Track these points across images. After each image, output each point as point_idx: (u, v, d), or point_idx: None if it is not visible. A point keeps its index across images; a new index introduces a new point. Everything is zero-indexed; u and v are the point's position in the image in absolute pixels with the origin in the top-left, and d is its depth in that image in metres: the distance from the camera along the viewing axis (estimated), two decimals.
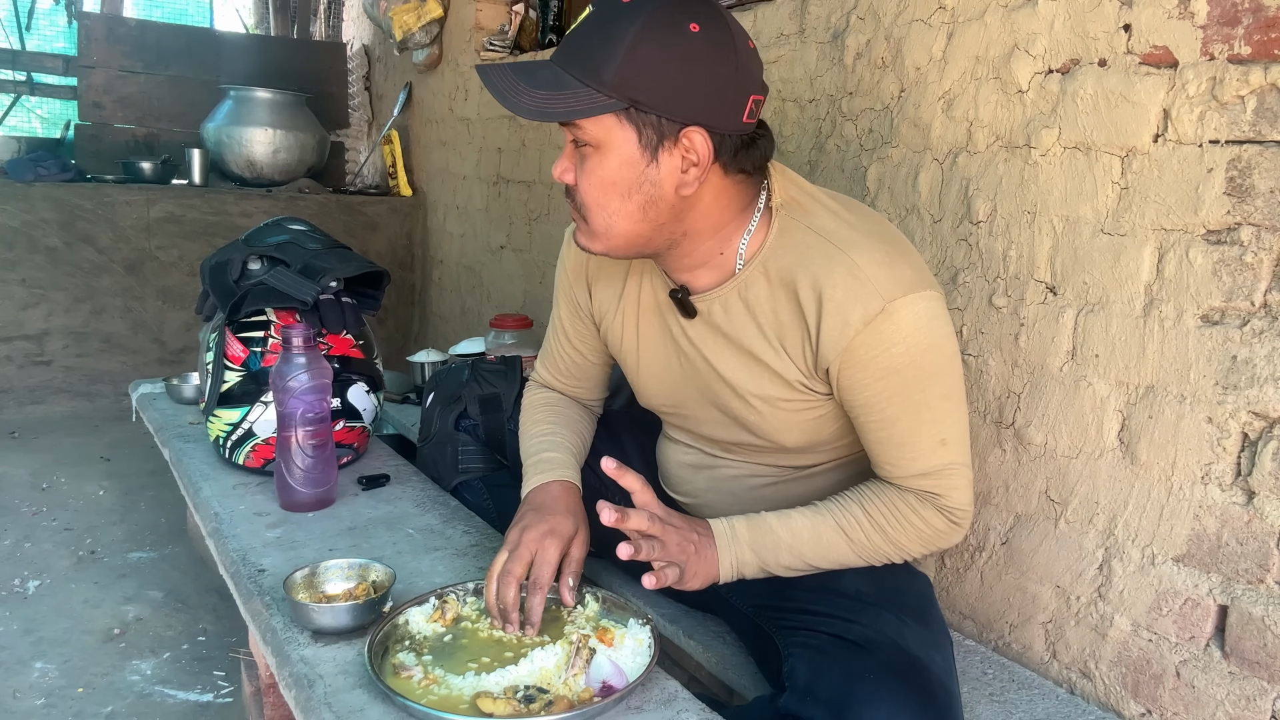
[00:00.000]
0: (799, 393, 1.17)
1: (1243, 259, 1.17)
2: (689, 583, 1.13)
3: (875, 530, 1.16)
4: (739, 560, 1.16)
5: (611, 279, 1.33)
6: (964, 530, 1.19)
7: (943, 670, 1.09)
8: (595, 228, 1.12)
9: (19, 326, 3.54)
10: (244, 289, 1.71)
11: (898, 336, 1.08)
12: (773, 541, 1.16)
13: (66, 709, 1.76)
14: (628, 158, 1.06)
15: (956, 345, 1.15)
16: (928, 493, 1.15)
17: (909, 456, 1.14)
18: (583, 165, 1.09)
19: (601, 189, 1.09)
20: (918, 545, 1.18)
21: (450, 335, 3.90)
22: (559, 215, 3.02)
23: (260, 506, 1.61)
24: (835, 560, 1.18)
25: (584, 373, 1.47)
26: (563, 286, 1.41)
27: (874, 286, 1.07)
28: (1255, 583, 1.18)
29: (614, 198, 1.09)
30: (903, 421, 1.13)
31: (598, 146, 1.06)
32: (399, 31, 3.79)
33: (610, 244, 1.14)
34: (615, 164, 1.07)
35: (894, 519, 1.16)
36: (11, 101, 4.93)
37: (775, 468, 1.31)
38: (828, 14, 1.82)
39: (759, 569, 1.17)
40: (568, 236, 1.39)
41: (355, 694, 1.03)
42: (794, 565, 1.18)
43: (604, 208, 1.10)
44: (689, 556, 1.12)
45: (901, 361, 1.09)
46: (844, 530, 1.17)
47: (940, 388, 1.12)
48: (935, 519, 1.16)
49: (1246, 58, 1.15)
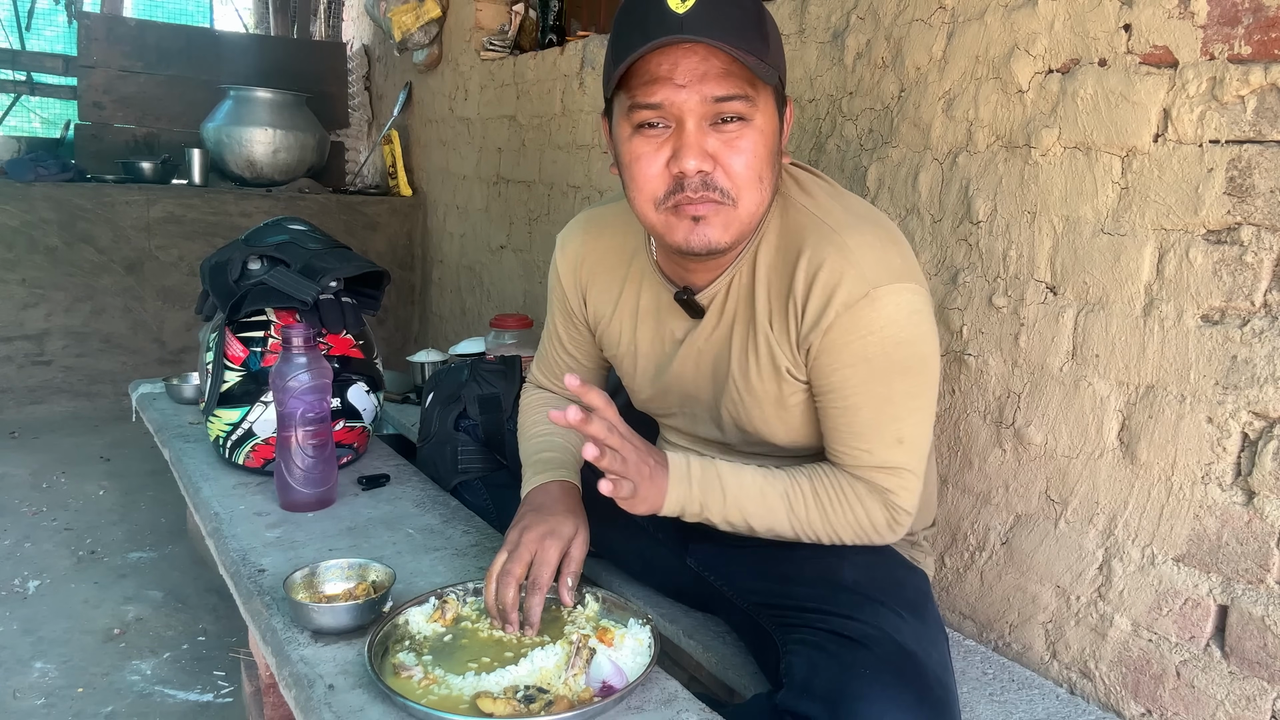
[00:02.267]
0: (789, 381, 1.16)
1: (1243, 259, 1.17)
2: (637, 504, 1.09)
3: (817, 507, 1.15)
4: (685, 497, 1.13)
5: (607, 284, 1.32)
6: (898, 535, 1.19)
7: (939, 665, 1.09)
8: (745, 209, 1.06)
9: (19, 326, 3.54)
10: (244, 289, 1.71)
11: (875, 324, 1.07)
12: (719, 490, 1.14)
13: (66, 709, 1.76)
14: (775, 127, 1.07)
15: (935, 345, 1.14)
16: (879, 486, 1.15)
17: (863, 448, 1.14)
18: (733, 143, 1.03)
19: (761, 162, 1.04)
20: (850, 534, 1.17)
21: (450, 335, 3.90)
22: (559, 215, 3.02)
23: (260, 506, 1.61)
24: (771, 527, 1.17)
25: (580, 376, 1.46)
26: (556, 293, 1.40)
27: (861, 270, 1.06)
28: (1255, 583, 1.18)
29: (767, 169, 1.06)
30: (864, 412, 1.12)
31: (752, 118, 1.03)
32: (398, 32, 3.79)
33: (745, 227, 1.09)
34: (770, 133, 1.05)
35: (839, 502, 1.15)
36: (11, 101, 4.93)
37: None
38: (828, 14, 1.81)
39: (700, 513, 1.15)
40: (560, 241, 1.38)
41: (355, 694, 1.03)
42: (733, 521, 1.16)
43: (761, 181, 1.06)
44: (643, 478, 1.08)
45: (874, 351, 1.08)
46: (788, 499, 1.16)
47: (907, 385, 1.12)
48: (878, 513, 1.16)
49: (1247, 57, 1.15)
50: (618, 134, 1.09)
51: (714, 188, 1.04)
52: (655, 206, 1.07)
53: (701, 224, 1.06)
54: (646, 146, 1.05)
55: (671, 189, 1.05)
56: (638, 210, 1.11)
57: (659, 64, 1.00)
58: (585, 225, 1.36)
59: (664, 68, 1.00)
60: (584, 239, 1.34)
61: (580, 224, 1.37)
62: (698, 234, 1.06)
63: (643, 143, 1.05)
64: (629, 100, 1.04)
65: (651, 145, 1.05)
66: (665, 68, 1.00)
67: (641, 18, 1.00)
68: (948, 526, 1.61)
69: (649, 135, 1.04)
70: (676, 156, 1.03)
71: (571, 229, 1.38)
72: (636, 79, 1.02)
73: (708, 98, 1.00)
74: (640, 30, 1.00)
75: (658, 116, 1.03)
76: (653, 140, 1.04)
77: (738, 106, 1.01)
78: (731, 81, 1.00)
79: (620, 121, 1.07)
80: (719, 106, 1.01)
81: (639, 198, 1.09)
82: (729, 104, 1.01)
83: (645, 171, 1.06)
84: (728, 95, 1.00)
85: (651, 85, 1.01)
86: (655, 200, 1.07)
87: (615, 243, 1.30)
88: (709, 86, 1.00)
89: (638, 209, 1.10)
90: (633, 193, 1.09)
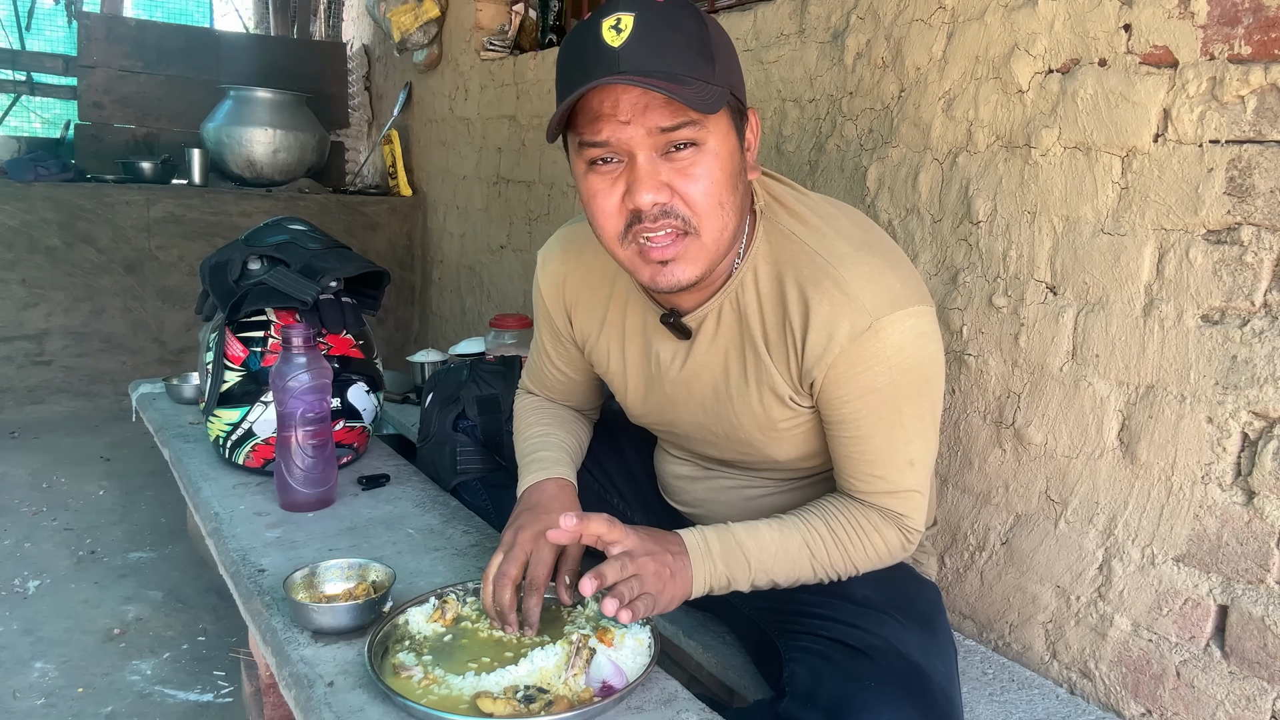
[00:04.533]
0: (788, 407, 1.15)
1: (1243, 259, 1.17)
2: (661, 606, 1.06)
3: (837, 548, 1.14)
4: (711, 574, 1.10)
5: (592, 305, 1.29)
6: (910, 554, 1.19)
7: (945, 678, 1.09)
8: (709, 236, 1.03)
9: (19, 326, 3.54)
10: (244, 289, 1.71)
11: (882, 355, 1.06)
12: (742, 559, 1.11)
13: (66, 709, 1.76)
14: (733, 147, 1.03)
15: (941, 362, 1.13)
16: (893, 512, 1.14)
17: (876, 474, 1.13)
18: (687, 171, 1.00)
19: (719, 186, 1.01)
20: (867, 564, 1.16)
21: (450, 335, 3.90)
22: (559, 215, 3.02)
23: (260, 506, 1.61)
24: (797, 577, 1.15)
25: (572, 389, 1.44)
26: (542, 312, 1.37)
27: (861, 303, 1.05)
28: (1255, 583, 1.18)
29: (727, 192, 1.02)
30: (875, 440, 1.12)
31: (705, 143, 1.00)
32: (397, 32, 3.80)
33: (713, 255, 1.05)
34: (726, 154, 1.01)
35: (856, 537, 1.14)
36: (11, 101, 4.93)
37: (771, 480, 1.30)
38: (828, 14, 1.81)
39: (728, 586, 1.13)
40: (541, 259, 1.34)
41: (355, 694, 1.03)
42: (760, 585, 1.14)
43: (722, 206, 1.02)
44: (664, 581, 1.06)
45: (883, 381, 1.08)
46: (809, 548, 1.14)
47: (915, 408, 1.11)
48: (893, 538, 1.15)
49: (1247, 57, 1.15)
50: (574, 171, 1.07)
51: (674, 215, 1.01)
52: (619, 241, 1.05)
53: (668, 266, 1.04)
54: (602, 183, 1.03)
55: (630, 221, 1.03)
56: (605, 246, 1.08)
57: (600, 101, 0.99)
58: (565, 243, 1.32)
59: (606, 105, 0.98)
60: (564, 258, 1.31)
61: (559, 242, 1.33)
62: (665, 275, 1.04)
63: (598, 180, 1.03)
64: (577, 138, 1.03)
65: (606, 181, 1.03)
66: (608, 105, 0.98)
67: (580, 54, 1.00)
68: (948, 526, 1.61)
69: (602, 172, 1.03)
70: (630, 192, 1.01)
71: (551, 247, 1.34)
72: (582, 117, 1.01)
73: (654, 129, 0.98)
74: (580, 68, 0.99)
75: (607, 153, 1.01)
76: (607, 176, 1.03)
77: (687, 133, 0.98)
78: (676, 108, 0.97)
79: (574, 159, 1.06)
80: (668, 136, 0.98)
81: (603, 235, 1.07)
82: (677, 133, 0.98)
83: (603, 208, 1.04)
84: (674, 125, 0.97)
85: (596, 123, 0.99)
86: (617, 235, 1.05)
87: (597, 261, 1.25)
88: (653, 118, 0.97)
89: (604, 245, 1.08)
90: (596, 230, 1.08)
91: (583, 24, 1.01)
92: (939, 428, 1.17)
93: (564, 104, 0.99)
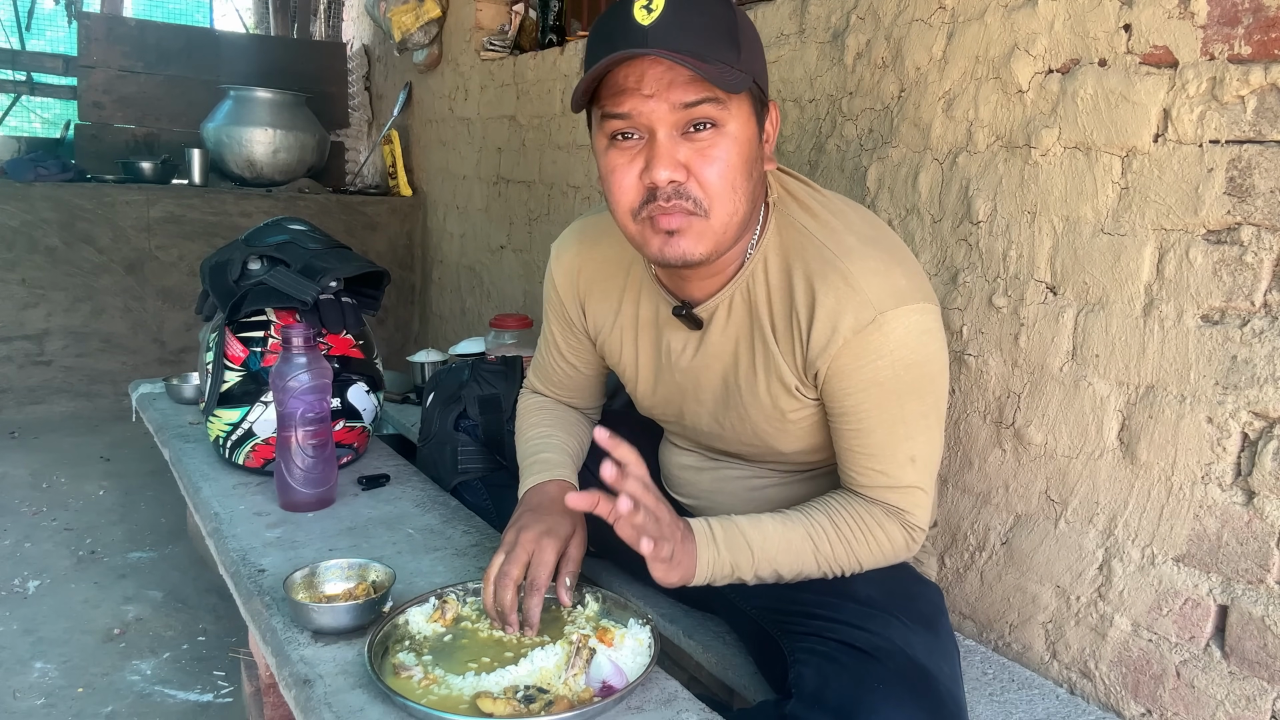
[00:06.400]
0: (795, 398, 1.16)
1: (1243, 259, 1.17)
2: (672, 570, 1.07)
3: (840, 542, 1.15)
4: (714, 560, 1.11)
5: (606, 295, 1.31)
6: (914, 552, 1.19)
7: (950, 680, 1.09)
8: (718, 219, 1.04)
9: (19, 326, 3.54)
10: (244, 289, 1.71)
11: (885, 349, 1.07)
12: (745, 548, 1.12)
13: (66, 709, 1.76)
14: (752, 134, 1.05)
15: (945, 361, 1.14)
16: (894, 507, 1.15)
17: (877, 469, 1.14)
18: (706, 152, 1.02)
19: (735, 170, 1.03)
20: (871, 560, 1.17)
21: (450, 335, 3.90)
22: (559, 215, 3.02)
23: (260, 506, 1.61)
24: (800, 572, 1.15)
25: (579, 384, 1.45)
26: (553, 303, 1.38)
27: (866, 296, 1.06)
28: (1255, 583, 1.18)
29: (742, 177, 1.04)
30: (877, 434, 1.12)
31: (725, 125, 1.01)
32: (398, 32, 3.79)
33: (720, 238, 1.06)
34: (745, 140, 1.03)
35: (859, 532, 1.15)
36: (11, 101, 4.94)
37: (777, 472, 1.31)
38: (828, 14, 1.82)
39: (731, 574, 1.13)
40: (555, 251, 1.36)
41: (355, 694, 1.03)
42: (763, 575, 1.15)
43: (735, 191, 1.04)
44: (677, 541, 1.07)
45: (886, 375, 1.08)
46: (812, 540, 1.14)
47: (919, 405, 1.12)
48: (897, 534, 1.16)
49: (1247, 58, 1.15)
50: (595, 146, 1.10)
51: (686, 197, 1.03)
52: (632, 217, 1.07)
53: (675, 237, 1.05)
54: (621, 158, 1.05)
55: (645, 199, 1.05)
56: (617, 220, 1.11)
57: (626, 76, 1.01)
58: (580, 235, 1.35)
59: (631, 79, 1.00)
60: (579, 249, 1.33)
61: (575, 233, 1.36)
62: (671, 246, 1.06)
63: (617, 154, 1.05)
64: (600, 111, 1.05)
65: (625, 157, 1.05)
66: (633, 79, 1.00)
67: (609, 31, 1.01)
68: (948, 526, 1.61)
69: (623, 146, 1.05)
70: (649, 167, 1.02)
71: (566, 238, 1.36)
72: (606, 91, 1.03)
73: (676, 104, 1.00)
74: (608, 43, 1.00)
75: (629, 126, 1.03)
76: (627, 151, 1.05)
77: (708, 110, 1.00)
78: (700, 85, 0.99)
79: (596, 134, 1.08)
80: (689, 113, 1.00)
81: (617, 209, 1.09)
82: (699, 108, 1.00)
83: (620, 183, 1.06)
84: (697, 100, 0.99)
85: (619, 96, 1.01)
86: (631, 210, 1.07)
87: (612, 253, 1.29)
88: (676, 93, 0.99)
89: (617, 219, 1.10)
90: (611, 204, 1.09)
91: (615, 4, 1.04)
92: (944, 427, 1.17)
93: (590, 73, 1.01)
